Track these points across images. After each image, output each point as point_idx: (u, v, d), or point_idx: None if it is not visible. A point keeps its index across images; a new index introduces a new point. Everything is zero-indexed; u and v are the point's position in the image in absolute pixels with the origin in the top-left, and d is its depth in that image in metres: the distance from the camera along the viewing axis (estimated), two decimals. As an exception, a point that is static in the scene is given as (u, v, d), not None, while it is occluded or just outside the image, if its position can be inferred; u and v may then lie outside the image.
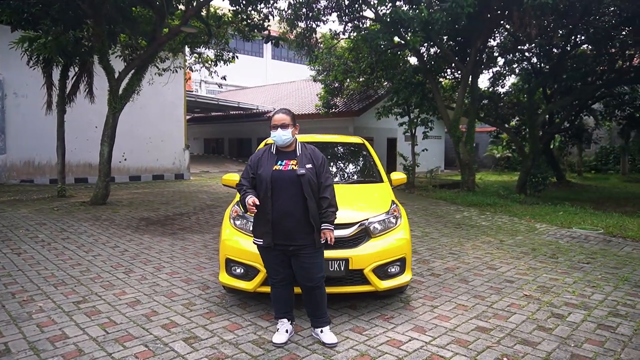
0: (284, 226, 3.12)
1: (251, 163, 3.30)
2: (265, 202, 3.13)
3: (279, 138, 3.25)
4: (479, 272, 5.06)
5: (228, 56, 14.14)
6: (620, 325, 3.56)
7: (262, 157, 3.29)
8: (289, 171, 3.17)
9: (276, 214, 3.12)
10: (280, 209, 3.12)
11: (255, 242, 3.30)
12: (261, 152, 3.35)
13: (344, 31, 14.74)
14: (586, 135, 19.64)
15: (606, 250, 6.08)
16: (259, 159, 3.28)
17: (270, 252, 3.22)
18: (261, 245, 3.23)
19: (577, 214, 9.17)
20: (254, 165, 3.27)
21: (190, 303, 4.05)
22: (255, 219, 3.27)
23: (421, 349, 3.17)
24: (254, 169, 3.25)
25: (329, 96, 20.58)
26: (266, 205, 3.13)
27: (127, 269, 5.10)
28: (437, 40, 11.83)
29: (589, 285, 4.54)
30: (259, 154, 3.35)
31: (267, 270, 3.32)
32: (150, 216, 8.73)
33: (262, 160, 3.27)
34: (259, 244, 3.24)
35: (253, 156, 3.35)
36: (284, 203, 3.13)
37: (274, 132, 3.25)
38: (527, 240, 6.73)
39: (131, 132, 15.02)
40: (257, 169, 3.25)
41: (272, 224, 3.12)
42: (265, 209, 3.14)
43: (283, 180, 3.13)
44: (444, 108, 13.64)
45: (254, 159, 3.31)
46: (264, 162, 3.26)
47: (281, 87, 30.17)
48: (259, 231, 3.21)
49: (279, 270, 3.23)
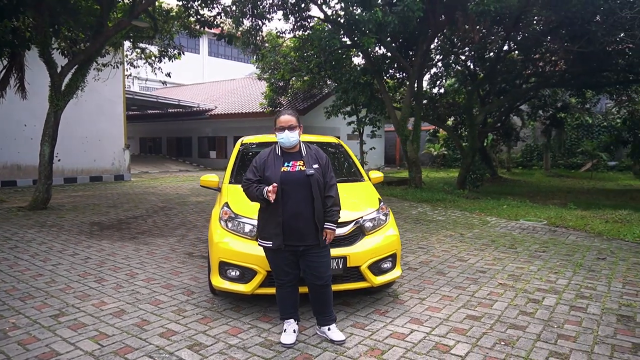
0: (294, 227, 3.12)
1: (257, 165, 3.25)
2: (276, 204, 3.11)
3: (286, 140, 3.23)
4: (452, 264, 5.35)
5: (173, 52, 13.62)
6: (589, 306, 3.95)
7: (267, 159, 3.26)
8: (297, 172, 3.18)
9: (287, 215, 3.11)
10: (290, 210, 3.12)
11: (262, 244, 3.27)
12: (266, 154, 3.31)
13: (293, 29, 14.76)
14: (515, 134, 21.22)
15: (555, 239, 6.67)
16: (264, 161, 3.25)
17: (279, 254, 3.20)
18: (270, 248, 3.20)
19: (519, 207, 9.92)
20: (260, 168, 3.23)
21: (180, 309, 3.91)
22: (263, 221, 3.24)
23: (425, 340, 3.31)
24: (260, 171, 3.22)
25: (274, 95, 20.52)
26: (276, 206, 3.12)
27: (98, 278, 4.79)
28: (387, 43, 12.21)
29: (551, 272, 4.97)
30: (263, 155, 3.31)
31: (275, 272, 3.30)
32: (101, 220, 8.22)
33: (268, 162, 3.24)
34: (267, 246, 3.20)
35: (257, 158, 3.30)
36: (294, 204, 3.14)
37: (280, 134, 3.24)
38: (484, 233, 7.20)
39: (66, 131, 13.86)
40: (263, 171, 3.21)
41: (283, 226, 3.11)
42: (275, 210, 3.12)
43: (292, 181, 3.13)
44: (392, 108, 14.11)
45: (259, 161, 3.27)
46: (271, 163, 3.23)
47: (221, 85, 29.51)
48: (268, 233, 3.18)
49: (288, 271, 3.22)
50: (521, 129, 21.90)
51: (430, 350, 3.15)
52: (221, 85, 29.57)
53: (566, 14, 11.28)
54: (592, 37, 11.45)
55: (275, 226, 3.14)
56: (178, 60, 13.86)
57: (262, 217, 3.26)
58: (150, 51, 14.05)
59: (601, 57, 12.50)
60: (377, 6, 9.93)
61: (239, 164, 4.98)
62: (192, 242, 6.55)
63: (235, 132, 24.04)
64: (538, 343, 3.24)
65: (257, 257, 3.64)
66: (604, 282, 4.61)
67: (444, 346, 3.21)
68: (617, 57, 12.40)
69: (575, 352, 3.11)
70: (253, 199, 3.20)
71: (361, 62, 16.75)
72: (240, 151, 5.15)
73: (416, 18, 10.52)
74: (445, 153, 26.97)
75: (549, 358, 3.02)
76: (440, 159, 27.47)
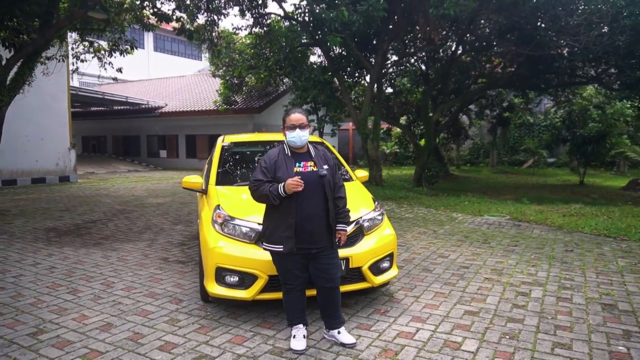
0: (307, 229, 3.04)
1: (267, 165, 3.12)
2: (289, 206, 3.01)
3: (298, 139, 3.13)
4: (434, 261, 5.45)
5: (125, 46, 12.90)
6: (573, 296, 4.16)
7: (277, 159, 3.14)
8: (309, 172, 3.10)
9: (299, 217, 3.02)
10: (304, 212, 3.03)
11: (269, 248, 3.14)
12: (275, 154, 3.19)
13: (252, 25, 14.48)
14: (464, 133, 22.11)
15: (522, 233, 6.99)
16: (274, 161, 3.13)
17: (290, 258, 3.10)
18: (281, 252, 3.08)
19: (479, 203, 10.33)
20: (271, 168, 3.11)
21: (173, 319, 3.68)
22: (273, 224, 3.12)
23: (433, 338, 3.33)
24: (271, 172, 3.09)
25: (229, 92, 20.07)
26: (289, 209, 3.01)
27: (71, 289, 4.42)
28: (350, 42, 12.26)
29: (529, 265, 5.20)
30: (272, 156, 3.18)
31: (283, 277, 3.18)
32: (56, 226, 7.63)
33: (278, 162, 3.12)
34: (278, 250, 3.08)
35: (266, 159, 3.17)
36: (307, 205, 3.05)
37: (291, 133, 3.13)
38: (455, 229, 7.41)
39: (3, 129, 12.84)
40: (274, 171, 3.09)
41: (295, 228, 3.01)
42: (287, 212, 3.02)
43: (306, 182, 3.03)
44: (352, 107, 14.22)
45: (269, 161, 3.14)
46: (281, 164, 3.12)
47: (170, 82, 28.43)
48: (279, 237, 3.07)
49: (298, 275, 3.13)
50: (470, 127, 22.85)
51: (441, 348, 3.17)
52: (170, 81, 28.50)
53: (516, 19, 11.87)
54: (541, 42, 12.14)
55: (287, 229, 3.03)
56: (130, 55, 13.15)
57: (271, 220, 3.14)
58: (99, 45, 13.22)
59: (547, 61, 13.28)
60: (343, 5, 9.94)
61: (223, 164, 4.77)
62: (163, 247, 6.23)
63: (187, 130, 23.28)
64: (539, 335, 3.36)
65: (257, 261, 3.51)
66: (579, 273, 4.88)
67: (453, 343, 3.24)
68: (562, 60, 13.22)
69: (576, 341, 3.25)
70: (263, 198, 3.07)
71: (318, 61, 16.75)
72: (223, 151, 4.95)
73: (380, 18, 10.65)
74: (398, 151, 27.61)
75: (554, 349, 3.13)
76: (392, 157, 28.08)
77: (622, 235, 6.62)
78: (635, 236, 6.54)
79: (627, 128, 19.88)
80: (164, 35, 38.23)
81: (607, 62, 12.36)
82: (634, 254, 5.67)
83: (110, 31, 12.50)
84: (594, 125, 17.53)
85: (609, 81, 13.99)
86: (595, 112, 17.98)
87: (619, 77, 12.25)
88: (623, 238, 6.52)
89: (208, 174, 4.82)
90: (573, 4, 11.17)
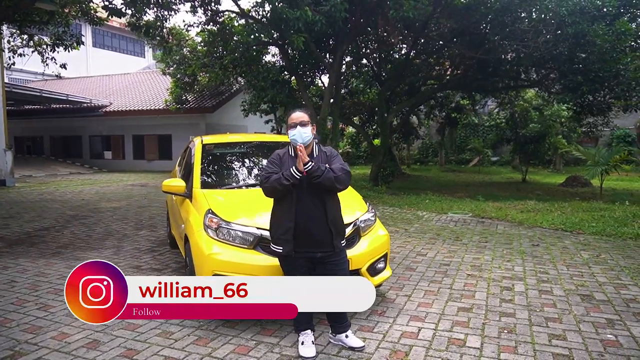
0: (307, 231, 3.02)
1: (276, 160, 3.11)
2: (289, 207, 3.00)
3: (299, 136, 3.08)
4: (414, 259, 5.55)
5: (71, 41, 12.10)
6: (553, 289, 4.39)
7: (282, 159, 3.09)
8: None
9: (299, 219, 3.01)
10: (303, 214, 3.02)
11: (273, 249, 3.11)
12: (282, 154, 3.16)
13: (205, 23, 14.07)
14: (415, 132, 22.80)
15: (488, 230, 7.30)
16: (281, 159, 3.09)
17: (294, 261, 3.05)
18: (280, 254, 3.04)
19: (439, 201, 10.67)
20: (278, 164, 3.10)
21: (165, 332, 3.47)
22: (276, 225, 3.07)
23: (437, 336, 3.38)
24: (279, 168, 3.07)
25: (181, 91, 19.39)
26: (289, 211, 3.01)
27: (40, 304, 4.05)
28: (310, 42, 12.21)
29: (504, 260, 5.42)
30: (279, 155, 3.15)
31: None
32: (4, 235, 7.00)
33: (283, 160, 3.09)
34: (278, 251, 3.06)
35: (274, 157, 3.15)
36: (307, 207, 3.04)
37: (293, 131, 3.09)
38: (424, 227, 7.60)
39: None
40: (280, 168, 3.07)
41: (295, 230, 3.00)
42: (287, 215, 3.01)
43: (305, 183, 3.00)
44: (311, 107, 14.19)
45: (277, 158, 3.12)
46: (286, 164, 3.06)
47: (114, 79, 27.03)
48: (279, 238, 3.05)
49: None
50: (420, 127, 23.60)
51: (447, 346, 3.22)
52: (114, 79, 27.09)
53: (467, 24, 12.37)
54: (492, 46, 12.76)
55: (286, 231, 3.01)
56: (76, 50, 12.34)
57: (274, 220, 3.12)
58: (40, 38, 12.30)
59: (496, 64, 13.99)
60: (305, 4, 9.88)
61: (207, 167, 4.58)
62: (132, 254, 5.89)
63: (134, 130, 22.22)
64: (534, 327, 3.50)
65: (257, 267, 3.40)
66: (551, 266, 5.16)
67: (457, 340, 3.31)
68: (509, 64, 13.97)
69: (568, 332, 3.42)
70: (276, 187, 2.99)
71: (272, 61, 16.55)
72: (204, 153, 4.74)
73: (341, 18, 10.71)
74: (350, 151, 27.98)
75: (551, 340, 3.28)
76: (345, 156, 28.41)
77: (578, 229, 7.09)
78: (589, 230, 7.02)
79: (562, 129, 21.40)
80: (104, 30, 36.26)
81: (551, 67, 13.19)
82: (593, 246, 6.08)
83: (54, 24, 11.68)
84: (534, 126, 18.71)
85: (550, 85, 14.96)
86: (534, 113, 19.22)
87: (560, 81, 13.11)
88: (579, 232, 6.98)
89: (188, 177, 4.60)
90: (521, 12, 11.83)
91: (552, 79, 14.37)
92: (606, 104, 14.57)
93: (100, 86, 25.87)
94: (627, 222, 7.37)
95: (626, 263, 5.23)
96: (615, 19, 10.97)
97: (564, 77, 12.33)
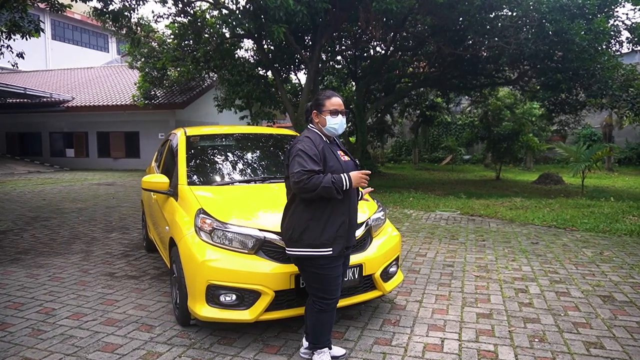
0: (352, 225, 2.74)
1: (315, 154, 2.57)
2: (343, 200, 2.60)
3: (341, 126, 2.72)
4: (416, 260, 5.20)
5: (29, 28, 11.14)
6: (570, 290, 4.12)
7: (323, 149, 2.63)
8: (348, 162, 2.76)
9: (352, 212, 2.70)
10: (354, 207, 2.73)
11: (315, 254, 2.59)
12: (317, 142, 2.64)
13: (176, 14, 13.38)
14: (389, 130, 22.66)
15: (481, 227, 7.06)
16: (321, 149, 2.62)
17: (337, 262, 2.67)
18: (331, 255, 2.60)
19: (423, 199, 10.43)
20: (320, 157, 2.59)
21: (152, 353, 2.96)
22: (321, 225, 2.58)
23: (464, 348, 3.02)
24: (321, 162, 2.59)
25: (150, 86, 18.47)
26: (343, 204, 2.62)
27: (0, 323, 3.45)
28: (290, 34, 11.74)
29: (509, 260, 5.15)
30: (315, 142, 2.64)
31: (327, 290, 2.66)
32: (-47, 240, 6.21)
33: (325, 151, 2.64)
34: (327, 254, 2.58)
35: (309, 147, 2.59)
36: (354, 199, 2.75)
37: (334, 119, 2.67)
38: (417, 225, 7.29)
39: None
40: (324, 161, 2.60)
41: (349, 226, 2.68)
42: (340, 209, 2.62)
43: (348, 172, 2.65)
44: (288, 102, 13.72)
45: (314, 149, 2.58)
46: (328, 154, 2.64)
47: (76, 73, 25.62)
48: (330, 238, 2.58)
49: (340, 283, 2.74)
50: (394, 126, 23.49)
51: (479, 359, 2.86)
52: (76, 73, 25.68)
53: (447, 20, 12.21)
54: (471, 43, 12.66)
55: (339, 227, 2.61)
56: (36, 37, 11.39)
57: (317, 219, 2.59)
58: (-7, 25, 11.28)
59: (474, 62, 13.91)
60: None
61: (193, 162, 4.06)
62: (103, 260, 5.28)
63: (99, 126, 21.08)
64: (565, 335, 3.20)
65: (261, 274, 2.94)
66: (558, 265, 4.92)
67: (488, 352, 2.95)
68: (487, 62, 13.93)
69: (603, 338, 3.13)
70: (317, 191, 2.48)
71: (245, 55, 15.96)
72: (188, 147, 4.21)
73: (322, 9, 10.31)
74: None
75: (589, 349, 2.98)
76: (319, 155, 28.05)
77: (571, 226, 6.95)
78: (581, 226, 6.90)
79: (533, 127, 21.75)
80: (65, 22, 34.53)
81: (530, 65, 13.21)
82: (592, 243, 5.91)
83: (9, 9, 10.71)
84: (507, 124, 18.88)
85: (527, 83, 15.06)
86: (507, 112, 19.40)
87: (540, 79, 13.15)
88: (572, 229, 6.83)
89: (171, 173, 4.08)
90: (501, 9, 11.76)
91: (530, 76, 14.44)
92: (580, 103, 14.80)
93: (62, 80, 24.44)
94: (618, 218, 7.31)
95: (632, 260, 5.06)
96: (594, 17, 11.04)
97: (544, 75, 12.35)
